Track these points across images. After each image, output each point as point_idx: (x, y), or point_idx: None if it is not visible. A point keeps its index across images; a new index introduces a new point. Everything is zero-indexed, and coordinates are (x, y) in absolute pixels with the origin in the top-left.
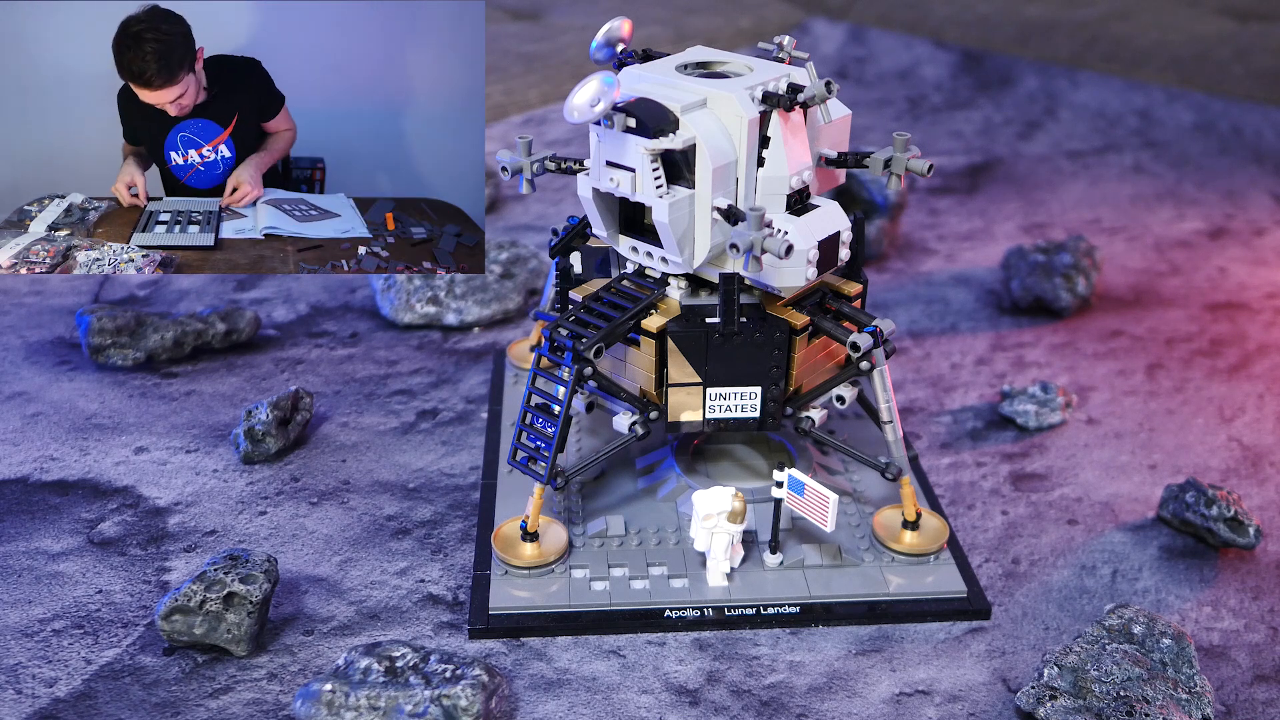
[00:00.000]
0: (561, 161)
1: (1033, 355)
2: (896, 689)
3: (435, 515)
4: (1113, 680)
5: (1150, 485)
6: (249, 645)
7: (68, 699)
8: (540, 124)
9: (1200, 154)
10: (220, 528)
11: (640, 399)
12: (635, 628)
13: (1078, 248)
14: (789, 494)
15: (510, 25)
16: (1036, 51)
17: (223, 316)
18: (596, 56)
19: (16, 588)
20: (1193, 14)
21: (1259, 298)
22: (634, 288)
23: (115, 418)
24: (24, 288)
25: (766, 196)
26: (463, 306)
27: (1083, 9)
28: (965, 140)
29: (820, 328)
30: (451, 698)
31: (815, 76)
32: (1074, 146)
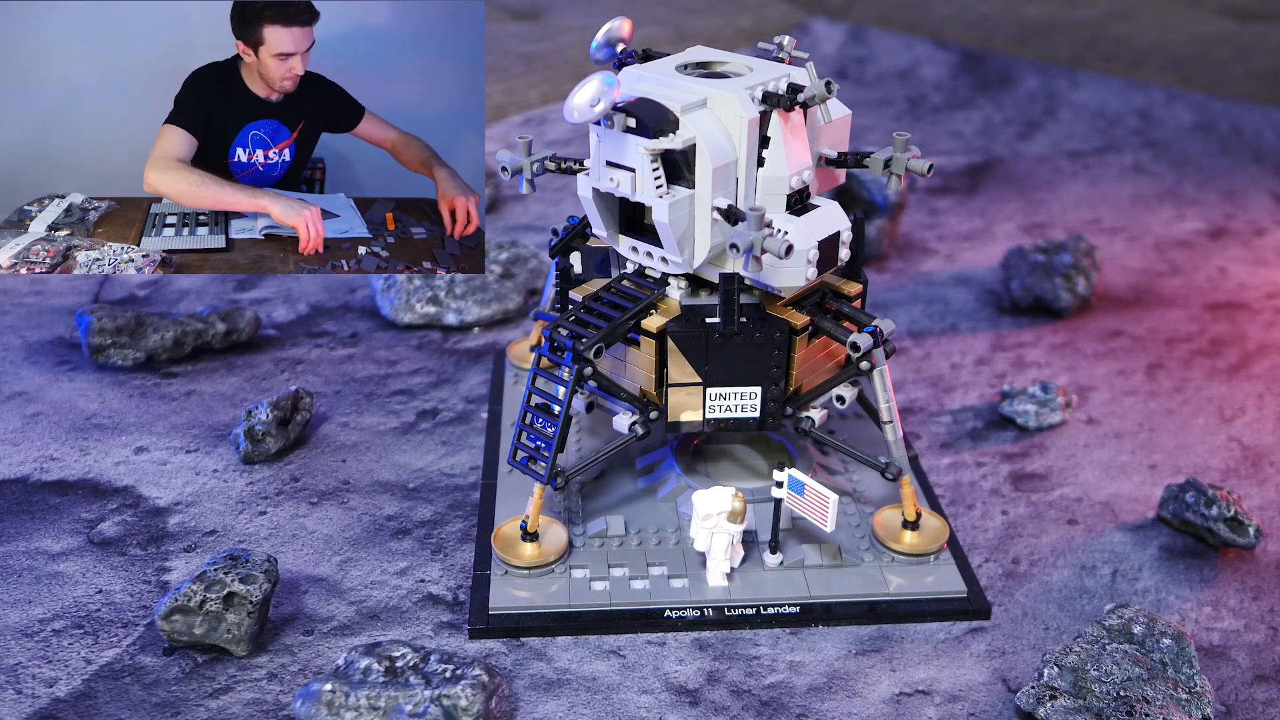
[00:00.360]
0: (561, 161)
1: (1033, 355)
2: (896, 689)
3: (435, 515)
4: (1113, 680)
5: (1150, 485)
6: (249, 645)
7: (68, 699)
8: (540, 124)
9: (1200, 154)
10: (220, 528)
11: (640, 399)
12: (635, 628)
13: (1078, 248)
14: (789, 494)
15: (510, 25)
16: (1036, 51)
17: (223, 316)
18: (596, 56)
19: (16, 588)
20: (1193, 14)
21: (1259, 298)
22: (634, 288)
23: (115, 418)
24: (24, 288)
25: (766, 196)
26: (463, 306)
27: (1083, 9)
28: (965, 140)
29: (820, 328)
30: (451, 698)
31: (815, 76)
32: (1074, 146)
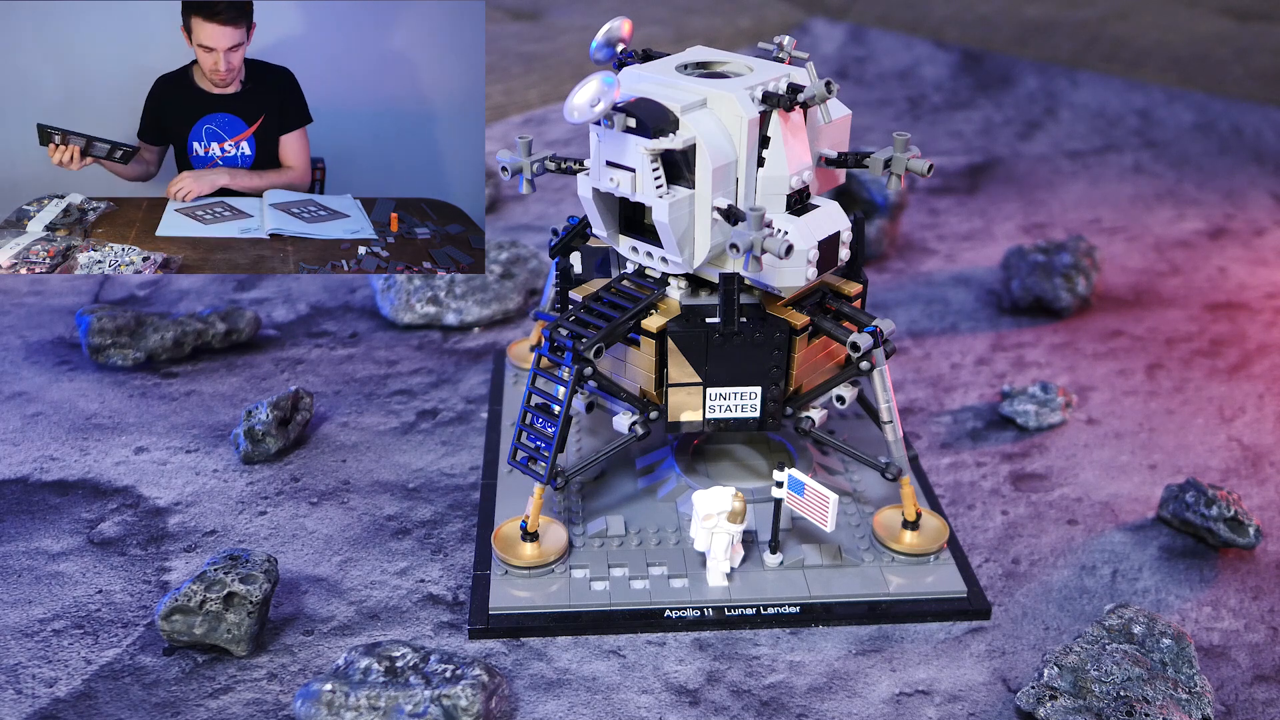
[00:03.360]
0: (561, 161)
1: (1033, 355)
2: (896, 689)
3: (435, 515)
4: (1113, 680)
5: (1150, 485)
6: (249, 645)
7: (68, 699)
8: (540, 124)
9: (1200, 154)
10: (220, 528)
11: (640, 399)
12: (635, 628)
13: (1078, 248)
14: (789, 494)
15: (510, 25)
16: (1036, 51)
17: (223, 316)
18: (596, 56)
19: (16, 588)
20: (1193, 14)
21: (1259, 298)
22: (634, 288)
23: (115, 418)
24: (24, 288)
25: (766, 196)
26: (463, 306)
27: (1083, 9)
28: (965, 140)
29: (820, 328)
30: (451, 698)
31: (815, 76)
32: (1074, 146)
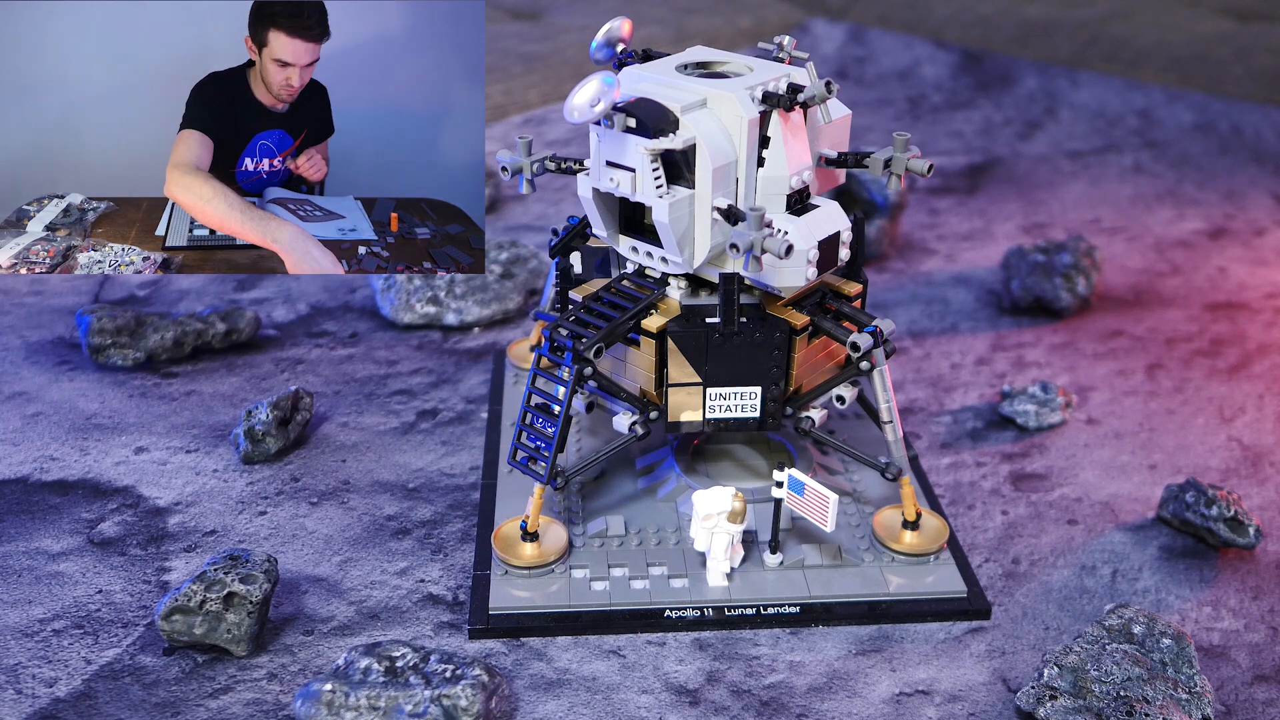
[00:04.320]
0: (561, 161)
1: (1033, 355)
2: (896, 689)
3: (435, 515)
4: (1113, 680)
5: (1150, 485)
6: (249, 645)
7: (68, 699)
8: (540, 124)
9: (1200, 154)
10: (220, 528)
11: (640, 399)
12: (635, 628)
13: (1078, 248)
14: (789, 494)
15: (510, 25)
16: (1036, 51)
17: (223, 316)
18: (596, 56)
19: (16, 588)
20: (1193, 14)
21: (1259, 298)
22: (634, 288)
23: (115, 418)
24: (24, 288)
25: (766, 196)
26: (463, 306)
27: (1083, 9)
28: (965, 140)
29: (820, 328)
30: (451, 698)
31: (815, 76)
32: (1074, 146)
